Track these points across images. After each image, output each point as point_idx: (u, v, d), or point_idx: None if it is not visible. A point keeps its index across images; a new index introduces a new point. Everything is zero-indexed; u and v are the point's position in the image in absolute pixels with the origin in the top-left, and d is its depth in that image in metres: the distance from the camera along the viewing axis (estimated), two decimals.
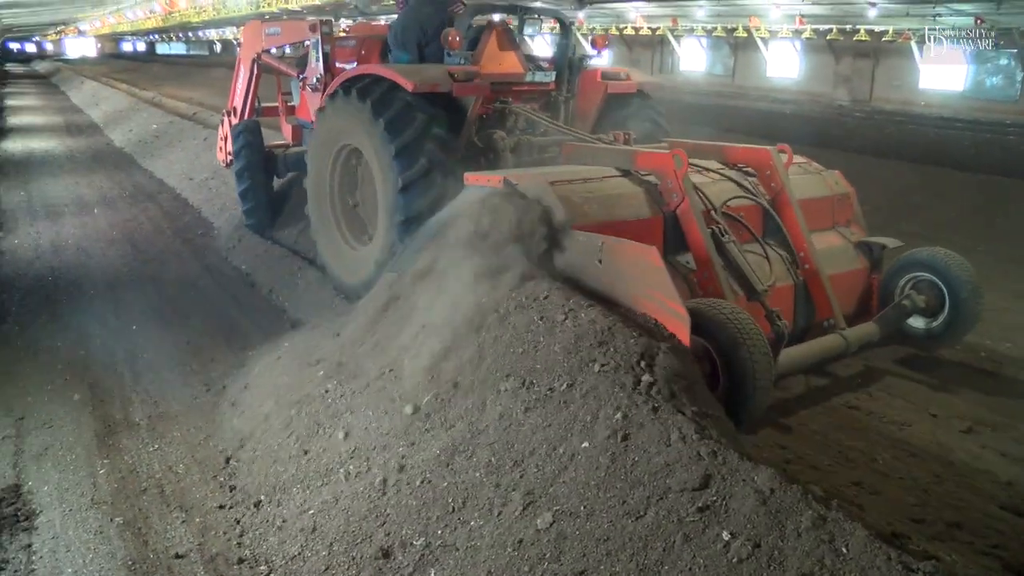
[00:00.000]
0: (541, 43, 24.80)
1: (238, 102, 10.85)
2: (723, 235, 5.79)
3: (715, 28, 26.54)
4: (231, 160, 10.63)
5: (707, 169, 6.51)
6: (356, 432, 4.77)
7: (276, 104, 10.51)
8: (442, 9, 7.77)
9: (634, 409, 3.92)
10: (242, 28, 11.82)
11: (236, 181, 10.42)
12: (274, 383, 5.84)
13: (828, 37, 23.72)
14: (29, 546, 4.50)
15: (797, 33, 24.16)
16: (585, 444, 3.87)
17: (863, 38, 22.63)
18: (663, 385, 4.01)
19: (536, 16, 9.04)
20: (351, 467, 4.54)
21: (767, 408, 4.94)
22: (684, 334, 4.57)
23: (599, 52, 8.95)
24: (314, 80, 8.94)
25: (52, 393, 6.46)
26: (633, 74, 8.56)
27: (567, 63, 8.18)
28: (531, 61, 8.25)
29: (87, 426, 5.93)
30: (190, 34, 47.99)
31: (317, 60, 8.85)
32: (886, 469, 4.93)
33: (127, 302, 8.63)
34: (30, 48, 76.66)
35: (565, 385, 4.19)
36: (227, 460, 5.26)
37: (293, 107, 10.02)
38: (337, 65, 8.73)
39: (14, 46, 68.54)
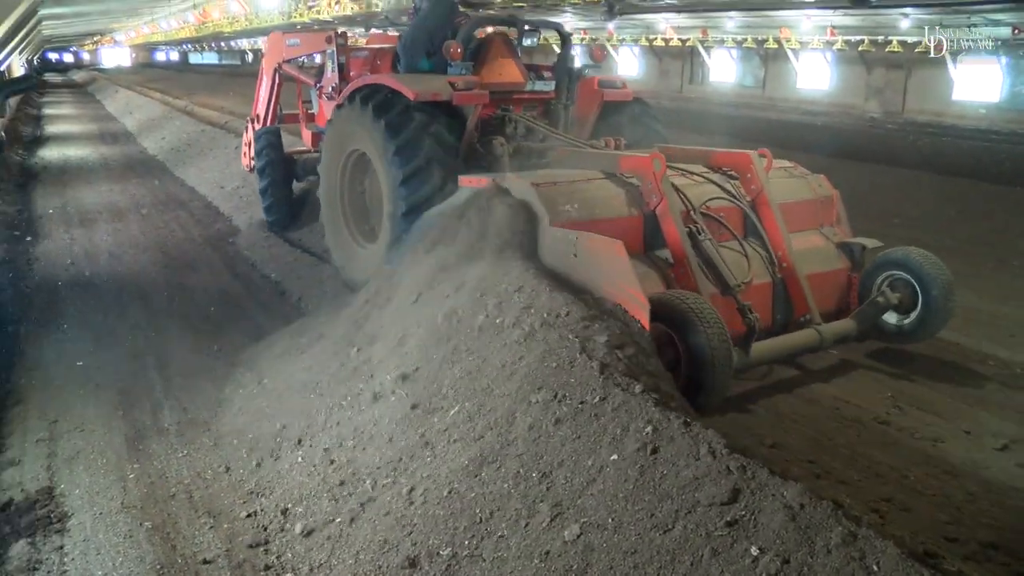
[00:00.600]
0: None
1: (261, 109, 11.35)
2: (699, 233, 6.09)
3: (745, 39, 26.45)
4: (255, 164, 11.13)
5: (691, 172, 6.77)
6: (381, 441, 4.78)
7: (297, 111, 10.93)
8: (448, 21, 8.26)
9: (664, 423, 3.90)
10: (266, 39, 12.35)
11: (258, 183, 10.97)
12: (301, 392, 5.87)
13: (860, 48, 23.54)
14: (61, 548, 4.56)
15: (828, 44, 24.01)
16: (614, 456, 3.85)
17: (895, 49, 22.43)
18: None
19: (535, 28, 9.52)
20: (378, 476, 4.54)
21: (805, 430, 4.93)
22: (644, 319, 5.02)
23: (598, 63, 9.29)
24: (330, 89, 9.35)
25: (84, 397, 6.54)
26: (628, 81, 8.91)
27: (566, 72, 8.56)
28: (532, 70, 8.67)
29: (118, 431, 5.99)
30: (222, 44, 48.60)
31: (333, 70, 9.36)
32: (918, 486, 4.85)
33: (158, 309, 8.73)
34: (68, 58, 77.97)
35: (597, 399, 4.18)
36: (257, 465, 5.28)
37: (313, 115, 10.44)
38: (352, 75, 9.15)
39: (52, 56, 69.75)
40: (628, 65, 33.62)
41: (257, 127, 11.35)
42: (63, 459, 5.59)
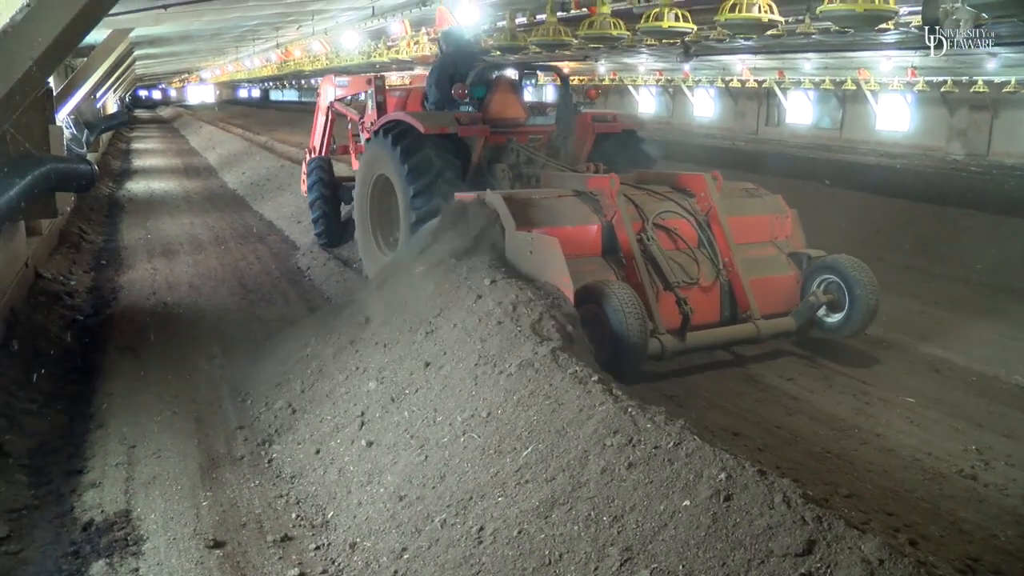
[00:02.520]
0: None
1: (316, 142, 12.93)
2: (648, 240, 7.32)
3: (823, 80, 26.12)
4: (307, 188, 12.59)
5: (655, 191, 8.02)
6: (452, 480, 4.77)
7: (347, 143, 12.31)
8: (465, 64, 9.73)
9: (739, 470, 3.82)
10: (321, 80, 14.13)
11: (309, 205, 12.49)
12: (372, 426, 5.90)
13: (942, 89, 23.02)
14: (136, 570, 4.65)
15: (908, 85, 23.54)
16: (687, 502, 3.77)
17: (981, 89, 21.86)
18: None
19: (534, 72, 10.96)
20: (447, 514, 4.52)
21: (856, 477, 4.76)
22: (570, 298, 6.30)
23: (592, 101, 11.52)
24: (369, 124, 10.53)
25: (162, 424, 6.70)
26: (620, 117, 10.30)
27: (565, 109, 9.86)
28: (534, 108, 10.24)
29: (192, 458, 6.11)
30: (302, 81, 49.97)
31: (372, 108, 10.80)
32: (1009, 547, 4.62)
33: (234, 339, 8.91)
34: (156, 95, 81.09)
35: (672, 443, 4.11)
36: (328, 499, 5.31)
37: (360, 147, 11.38)
38: (389, 111, 10.37)
39: (143, 93, 72.65)
40: (704, 107, 33.45)
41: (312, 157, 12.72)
42: (140, 483, 5.71)
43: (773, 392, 6.96)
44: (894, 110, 26.44)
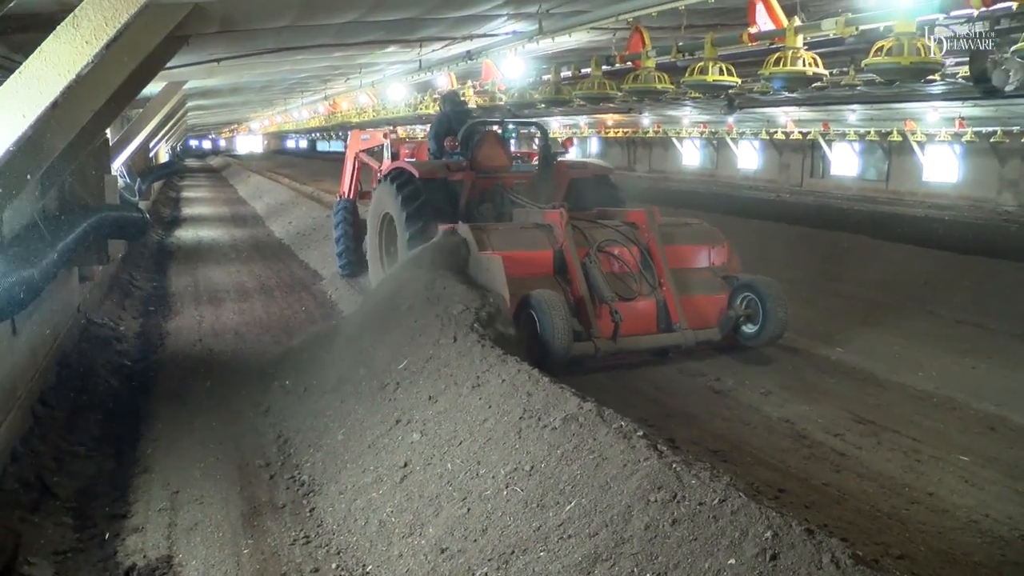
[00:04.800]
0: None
1: (344, 188, 14.65)
2: (591, 263, 8.86)
3: (868, 132, 25.92)
4: (334, 227, 14.35)
5: (605, 224, 9.65)
6: (493, 533, 4.72)
7: (371, 188, 13.46)
8: (459, 121, 11.63)
9: (786, 529, 3.73)
10: (349, 134, 16.55)
11: (335, 241, 14.25)
12: (414, 477, 5.87)
13: (992, 140, 22.70)
14: None
15: (956, 136, 23.26)
16: (732, 560, 3.69)
17: None
18: None
19: (516, 127, 12.86)
20: (488, 569, 4.46)
21: None
22: (507, 304, 8.12)
23: (567, 150, 13.47)
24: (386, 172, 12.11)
25: (205, 470, 6.74)
26: (591, 164, 12.93)
27: (543, 157, 11.63)
28: (517, 157, 12.20)
29: (235, 505, 6.13)
30: (349, 133, 50.76)
31: (388, 157, 12.64)
32: None
33: (279, 388, 8.95)
34: (206, 144, 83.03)
35: (717, 500, 4.03)
36: (368, 550, 5.27)
37: None
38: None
39: (193, 143, 74.44)
40: (748, 159, 33.34)
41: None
42: (182, 529, 5.74)
43: (820, 448, 6.82)
44: (942, 161, 26.11)
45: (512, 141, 13.13)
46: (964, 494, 5.95)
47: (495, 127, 11.99)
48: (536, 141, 14.99)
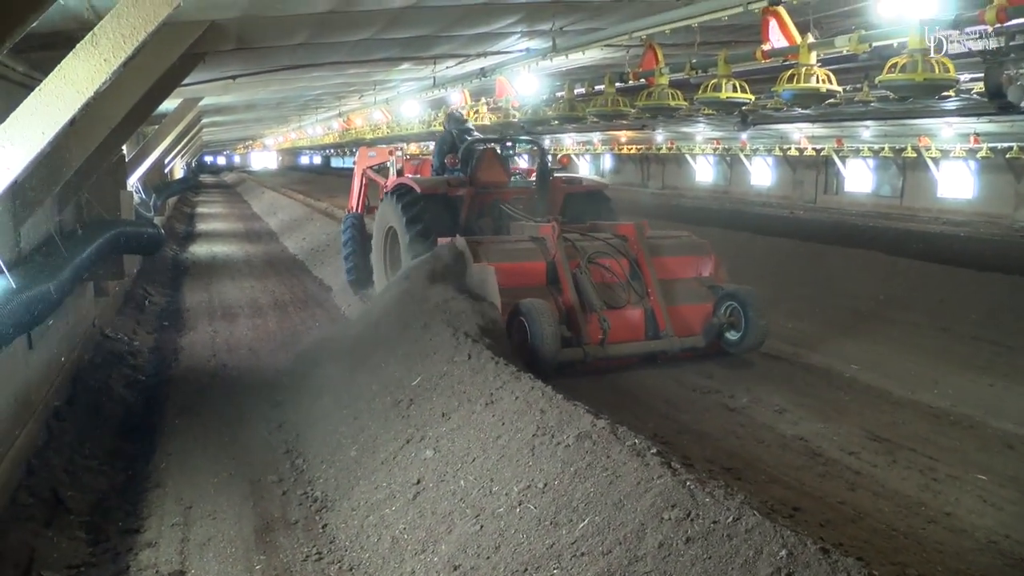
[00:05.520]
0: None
1: (353, 203, 15.10)
2: (581, 273, 9.29)
3: (882, 148, 25.84)
4: (342, 239, 14.79)
5: (596, 236, 10.08)
6: (506, 550, 4.69)
7: (378, 203, 13.92)
8: (462, 137, 12.21)
9: (800, 547, 3.69)
10: (357, 151, 16.89)
11: (342, 254, 14.63)
12: (427, 494, 5.86)
13: (1008, 155, 22.59)
14: None
15: (971, 152, 23.16)
16: None
17: None
18: None
19: (514, 144, 13.03)
20: None
21: None
22: (499, 310, 8.57)
23: (564, 167, 14.24)
24: (390, 187, 12.60)
25: (218, 485, 6.75)
26: (586, 180, 13.38)
27: (541, 173, 12.04)
28: (516, 173, 12.61)
29: (248, 520, 6.13)
30: (358, 150, 50.87)
31: (393, 173, 13.07)
32: None
33: (292, 404, 8.96)
34: (221, 160, 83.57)
35: (731, 518, 4.00)
36: (380, 567, 5.25)
37: None
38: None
39: (208, 159, 74.93)
40: (761, 175, 33.28)
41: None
42: (195, 544, 5.74)
43: (835, 466, 6.75)
44: (957, 177, 25.98)
45: (524, 157, 14.14)
46: (983, 514, 5.87)
47: (494, 146, 12.43)
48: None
